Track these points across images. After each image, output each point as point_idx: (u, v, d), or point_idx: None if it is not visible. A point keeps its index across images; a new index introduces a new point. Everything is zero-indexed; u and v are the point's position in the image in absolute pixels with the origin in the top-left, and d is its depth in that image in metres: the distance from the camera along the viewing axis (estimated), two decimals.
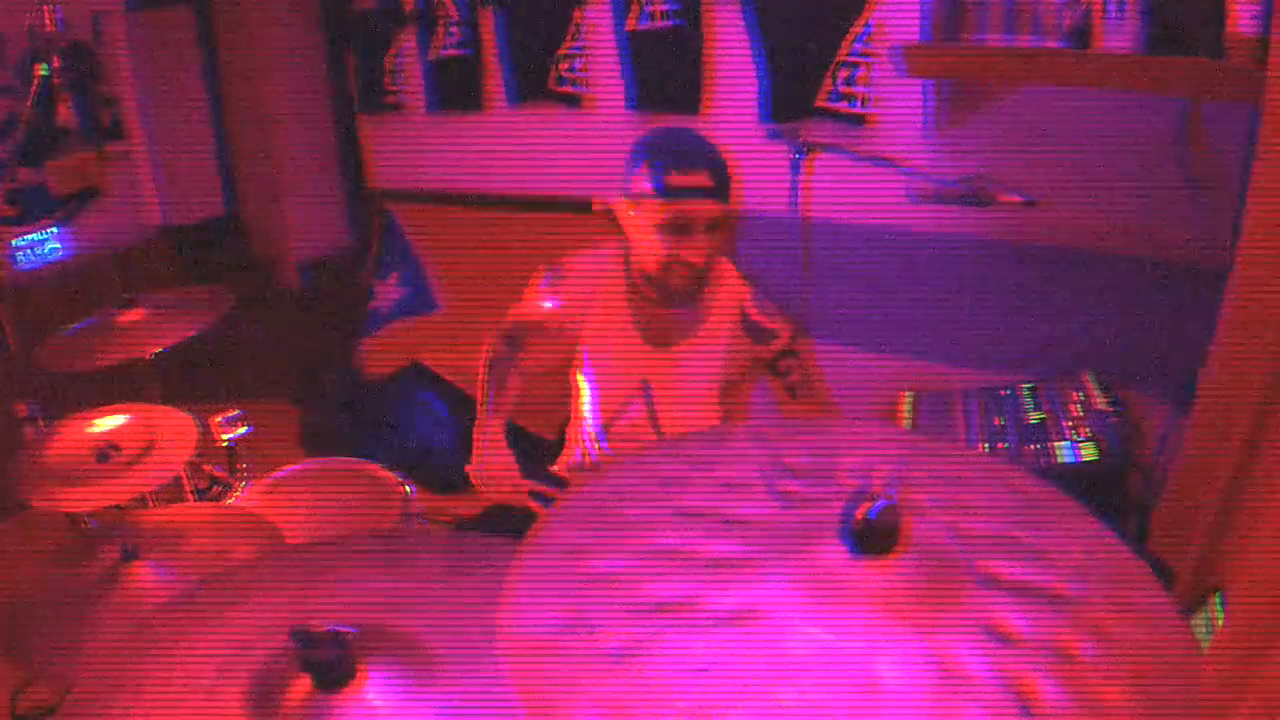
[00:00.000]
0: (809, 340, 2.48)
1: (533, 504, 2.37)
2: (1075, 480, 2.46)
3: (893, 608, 0.89)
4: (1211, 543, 2.12)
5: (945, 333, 3.31)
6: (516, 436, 2.45)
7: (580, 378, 2.51)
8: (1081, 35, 2.66)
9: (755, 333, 2.40)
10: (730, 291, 2.42)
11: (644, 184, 2.21)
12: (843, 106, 3.31)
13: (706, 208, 2.19)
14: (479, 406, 2.48)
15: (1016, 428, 2.70)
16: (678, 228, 2.20)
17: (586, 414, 2.52)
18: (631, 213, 2.27)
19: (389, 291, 4.66)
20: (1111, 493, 2.48)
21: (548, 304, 2.46)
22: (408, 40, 4.43)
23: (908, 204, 3.12)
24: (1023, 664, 0.86)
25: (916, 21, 3.01)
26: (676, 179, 2.18)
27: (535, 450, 2.66)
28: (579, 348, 2.46)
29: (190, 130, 4.76)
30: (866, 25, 3.18)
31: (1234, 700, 1.55)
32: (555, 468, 2.61)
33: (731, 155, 2.22)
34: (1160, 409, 2.61)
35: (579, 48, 3.90)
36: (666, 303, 2.38)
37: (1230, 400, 2.07)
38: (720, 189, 2.19)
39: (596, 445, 2.51)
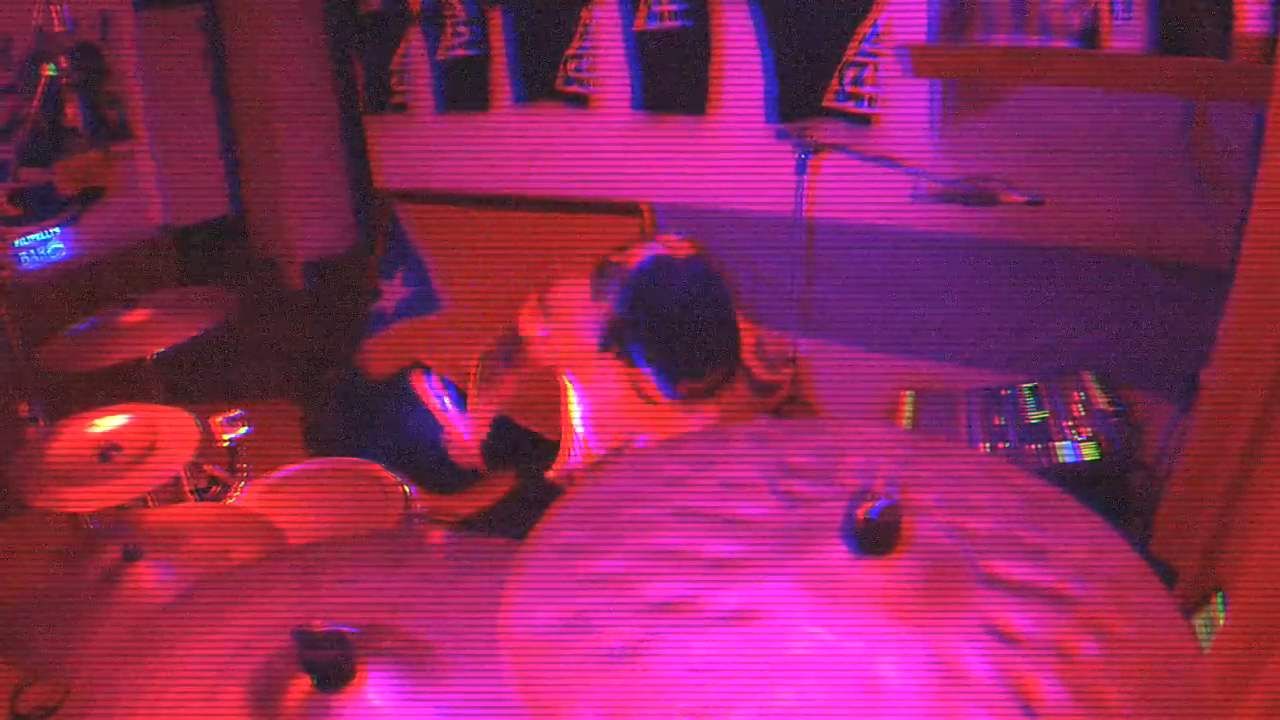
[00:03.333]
0: (809, 363, 2.40)
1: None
2: (1077, 480, 2.45)
3: (894, 607, 0.89)
4: (1214, 542, 2.12)
5: (947, 332, 3.31)
6: (516, 435, 2.43)
7: (571, 406, 2.44)
8: (1089, 35, 2.65)
9: (759, 389, 2.30)
10: None
11: (649, 383, 2.01)
12: (849, 106, 3.30)
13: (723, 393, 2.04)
14: (469, 399, 2.43)
15: (1018, 427, 2.70)
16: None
17: (578, 428, 2.45)
18: None
19: (393, 291, 4.66)
20: (1113, 492, 2.48)
21: (539, 333, 2.34)
22: (415, 40, 4.43)
23: (913, 204, 3.12)
24: (1024, 664, 0.85)
25: (924, 21, 3.01)
26: (690, 386, 1.98)
27: (535, 450, 2.64)
28: (570, 385, 2.39)
29: (196, 130, 4.77)
30: (874, 25, 3.17)
31: (1235, 700, 1.55)
32: (551, 474, 2.58)
33: (738, 155, 2.17)
34: (1162, 408, 2.60)
35: (586, 47, 3.90)
36: None
37: (1233, 400, 2.06)
38: (732, 368, 1.99)
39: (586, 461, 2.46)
